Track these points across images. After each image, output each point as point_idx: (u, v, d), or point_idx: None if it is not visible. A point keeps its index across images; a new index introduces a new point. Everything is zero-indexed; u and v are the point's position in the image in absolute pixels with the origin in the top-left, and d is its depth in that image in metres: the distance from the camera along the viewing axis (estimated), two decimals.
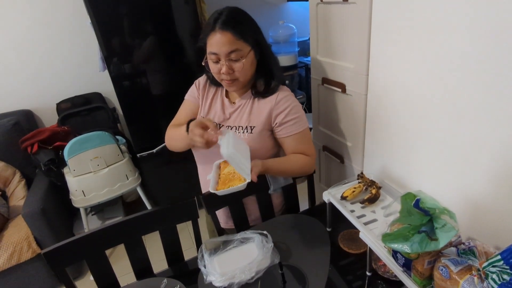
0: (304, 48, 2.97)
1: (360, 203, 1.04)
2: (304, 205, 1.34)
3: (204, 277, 0.95)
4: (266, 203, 1.22)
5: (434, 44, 0.82)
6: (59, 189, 2.02)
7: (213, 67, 0.97)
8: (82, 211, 2.00)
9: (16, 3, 2.09)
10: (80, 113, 2.25)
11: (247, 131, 1.04)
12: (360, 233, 0.92)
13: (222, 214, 1.23)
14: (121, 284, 1.05)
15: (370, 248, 0.90)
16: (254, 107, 1.05)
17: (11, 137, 2.02)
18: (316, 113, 1.48)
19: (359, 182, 1.10)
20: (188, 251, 1.25)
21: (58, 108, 2.29)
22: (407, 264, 0.75)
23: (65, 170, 1.95)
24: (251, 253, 1.02)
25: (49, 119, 2.35)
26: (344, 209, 1.02)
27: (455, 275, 0.66)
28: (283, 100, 1.02)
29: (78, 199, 1.91)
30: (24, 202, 1.82)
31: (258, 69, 1.03)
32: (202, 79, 1.14)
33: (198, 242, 1.13)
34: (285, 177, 1.13)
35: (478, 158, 0.79)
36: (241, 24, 0.94)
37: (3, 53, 2.15)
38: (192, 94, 1.15)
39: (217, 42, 0.91)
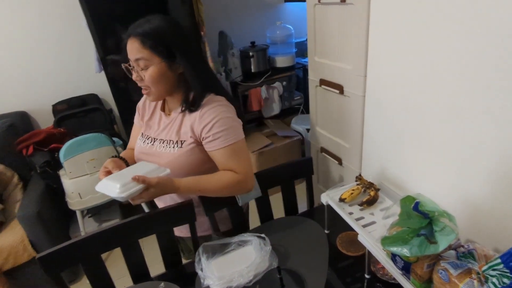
0: (301, 49, 2.97)
1: (359, 205, 1.04)
2: (302, 206, 1.33)
3: (202, 280, 0.94)
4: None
5: (433, 45, 0.82)
6: (55, 192, 2.00)
7: (132, 72, 0.98)
8: (78, 214, 1.98)
9: (11, 4, 2.07)
10: (76, 115, 2.23)
11: (177, 146, 1.01)
12: (358, 235, 0.91)
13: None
14: None
15: (368, 251, 0.89)
16: (184, 120, 1.01)
17: (6, 139, 1.99)
18: (314, 115, 1.48)
19: (357, 184, 1.09)
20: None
21: (54, 109, 2.27)
22: (406, 267, 0.74)
23: (61, 172, 1.93)
24: (249, 256, 1.01)
25: (45, 120, 2.32)
26: (342, 211, 1.01)
27: (454, 278, 0.66)
28: (208, 113, 0.96)
29: (74, 202, 1.89)
30: (19, 205, 1.80)
31: (185, 82, 0.99)
32: (142, 99, 1.16)
33: (195, 245, 1.12)
34: (211, 196, 1.03)
35: (477, 160, 0.79)
36: (153, 35, 0.91)
37: (2, 58, 2.13)
38: (136, 117, 1.18)
39: (128, 48, 0.93)
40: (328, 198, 1.07)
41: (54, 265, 0.94)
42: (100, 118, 2.28)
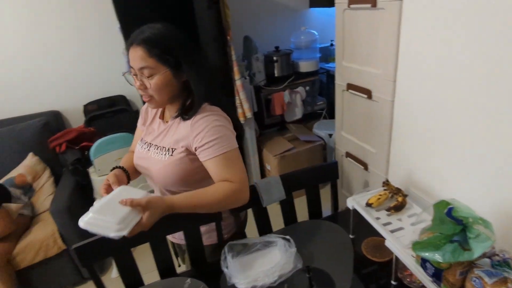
0: (325, 54, 2.97)
1: (386, 210, 1.03)
2: (325, 210, 1.33)
3: (228, 278, 0.96)
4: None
5: (467, 49, 0.81)
6: (84, 188, 2.08)
7: (134, 81, 0.95)
8: None
9: (49, 8, 2.19)
10: (105, 115, 2.32)
11: (168, 153, 0.99)
12: (386, 241, 0.90)
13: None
14: (145, 282, 1.07)
15: (396, 257, 0.88)
16: (178, 128, 0.99)
17: (41, 136, 2.11)
18: (340, 119, 1.48)
19: (384, 189, 1.08)
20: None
21: (85, 109, 2.37)
22: (437, 274, 0.73)
23: (91, 169, 2.01)
24: (274, 257, 1.02)
25: (76, 120, 2.43)
26: (369, 216, 1.00)
27: (489, 287, 0.64)
28: (200, 122, 0.94)
29: None
30: (52, 199, 1.89)
31: (186, 90, 0.99)
32: (146, 104, 1.12)
33: (220, 245, 1.13)
34: (208, 211, 0.96)
35: None
36: (157, 43, 0.89)
37: (35, 56, 2.26)
38: (139, 121, 1.17)
39: (131, 56, 0.91)
40: (354, 202, 1.06)
41: (88, 256, 0.98)
42: (127, 118, 2.35)
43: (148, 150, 1.05)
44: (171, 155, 0.98)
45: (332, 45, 2.99)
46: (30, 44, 2.22)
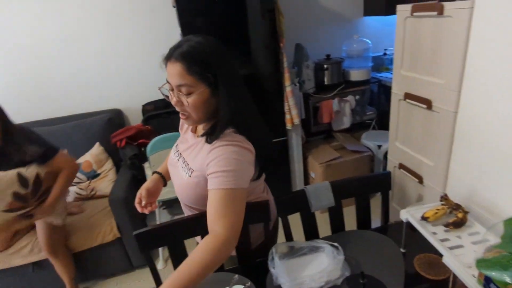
0: (377, 64, 2.90)
1: (444, 226, 0.98)
2: (374, 222, 1.29)
3: (274, 279, 0.97)
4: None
5: None
6: (140, 182, 2.23)
7: (170, 96, 0.91)
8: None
9: (121, 19, 2.42)
10: (161, 115, 2.47)
11: (189, 173, 0.96)
12: (443, 257, 0.86)
13: None
14: None
15: (454, 275, 0.83)
16: (201, 149, 0.94)
17: (105, 130, 2.35)
18: (394, 129, 1.43)
19: (442, 204, 1.03)
20: None
21: (143, 109, 2.56)
22: None
23: (146, 165, 2.15)
24: (321, 262, 1.01)
25: (135, 118, 2.63)
26: (425, 230, 0.96)
27: None
28: (217, 150, 0.87)
29: None
30: (111, 189, 2.06)
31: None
32: None
33: (270, 245, 1.15)
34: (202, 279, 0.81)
35: None
36: (197, 59, 0.83)
37: (106, 60, 2.50)
38: (180, 124, 1.14)
39: (169, 72, 0.86)
40: (408, 215, 1.02)
41: (146, 242, 1.06)
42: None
43: (178, 160, 1.03)
44: (190, 176, 0.95)
45: (385, 54, 2.91)
46: (103, 50, 2.47)
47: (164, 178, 1.16)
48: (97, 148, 2.35)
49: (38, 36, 2.34)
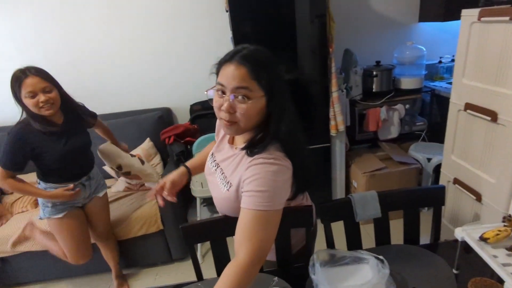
0: (431, 72, 2.75)
1: (506, 249, 0.90)
2: (422, 238, 1.22)
3: (314, 285, 0.95)
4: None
5: None
6: None
7: (216, 100, 0.86)
8: (198, 201, 2.25)
9: (178, 23, 2.55)
10: (208, 115, 2.56)
11: (227, 186, 0.94)
12: (505, 283, 0.79)
13: None
14: None
15: None
16: (240, 162, 0.91)
17: (155, 127, 2.49)
18: (451, 141, 1.34)
19: (504, 225, 0.95)
20: None
21: (191, 109, 2.67)
22: None
23: None
24: (364, 274, 0.98)
25: (183, 117, 2.76)
26: (483, 252, 0.89)
27: None
28: (256, 167, 0.84)
29: (197, 190, 2.17)
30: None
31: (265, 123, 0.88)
32: None
33: (310, 251, 1.14)
34: None
35: None
36: (262, 66, 0.82)
37: (160, 62, 2.65)
38: (216, 127, 1.13)
39: (228, 74, 0.81)
40: (464, 234, 0.95)
41: (192, 235, 1.10)
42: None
43: (215, 170, 1.02)
44: (228, 190, 0.93)
45: (440, 62, 2.75)
46: (159, 52, 2.63)
47: (190, 173, 1.18)
48: (147, 143, 2.49)
49: (103, 40, 2.56)
